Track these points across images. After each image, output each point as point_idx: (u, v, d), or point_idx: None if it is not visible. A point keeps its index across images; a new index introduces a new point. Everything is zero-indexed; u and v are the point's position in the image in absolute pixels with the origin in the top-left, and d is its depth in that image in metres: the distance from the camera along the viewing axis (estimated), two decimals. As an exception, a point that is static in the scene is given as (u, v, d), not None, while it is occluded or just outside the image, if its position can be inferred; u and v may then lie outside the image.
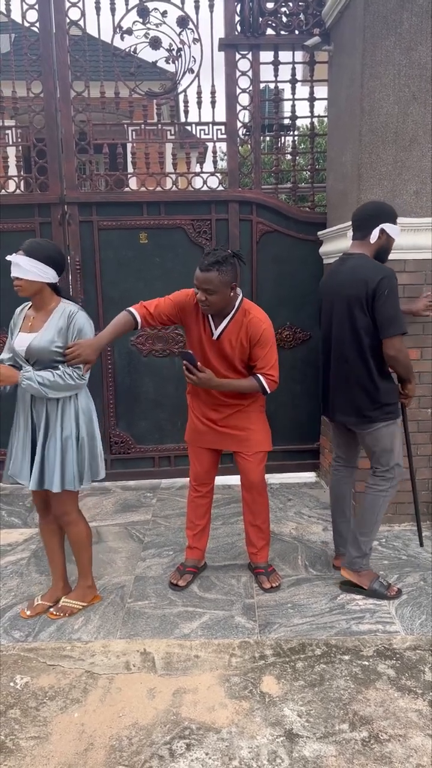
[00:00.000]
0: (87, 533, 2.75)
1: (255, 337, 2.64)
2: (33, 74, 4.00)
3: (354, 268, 2.66)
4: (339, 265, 2.78)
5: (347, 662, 2.38)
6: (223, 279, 2.52)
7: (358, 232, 2.74)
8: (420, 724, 2.06)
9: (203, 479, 2.98)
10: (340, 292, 2.69)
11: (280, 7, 3.98)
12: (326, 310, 2.83)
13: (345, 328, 2.69)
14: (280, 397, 4.38)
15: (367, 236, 2.70)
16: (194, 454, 2.98)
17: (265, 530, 2.99)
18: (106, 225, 4.15)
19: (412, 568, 3.10)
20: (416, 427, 3.46)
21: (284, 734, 2.03)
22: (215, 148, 4.15)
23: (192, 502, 3.03)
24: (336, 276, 2.76)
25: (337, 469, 3.08)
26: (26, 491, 4.26)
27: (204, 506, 3.02)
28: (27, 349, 2.48)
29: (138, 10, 3.92)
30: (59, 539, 2.80)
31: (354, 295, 2.61)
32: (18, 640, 2.56)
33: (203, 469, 2.96)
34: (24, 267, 2.42)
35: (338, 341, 2.74)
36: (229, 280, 2.54)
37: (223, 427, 2.85)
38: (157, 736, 2.03)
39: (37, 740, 2.02)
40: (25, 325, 2.56)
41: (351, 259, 2.72)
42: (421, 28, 3.18)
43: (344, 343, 2.70)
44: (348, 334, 2.68)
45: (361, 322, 2.63)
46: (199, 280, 2.54)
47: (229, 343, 2.68)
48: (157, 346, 4.29)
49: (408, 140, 3.29)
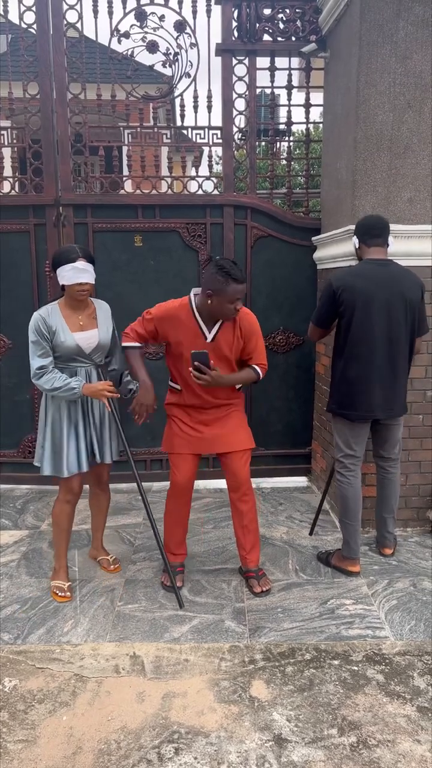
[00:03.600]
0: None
1: (249, 329, 2.79)
2: (30, 75, 4.00)
3: (402, 272, 2.92)
4: (378, 269, 2.91)
5: (336, 667, 2.39)
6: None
7: (380, 238, 2.95)
8: (408, 730, 2.07)
9: (187, 486, 2.93)
10: (398, 294, 2.87)
11: (277, 13, 4.00)
12: (379, 313, 2.87)
13: (401, 328, 2.89)
14: (273, 402, 4.39)
15: (386, 244, 2.97)
16: (179, 463, 2.92)
17: (254, 530, 2.98)
18: (101, 227, 4.15)
19: (402, 573, 3.11)
20: (407, 433, 3.48)
21: (273, 739, 2.03)
22: (211, 152, 4.16)
23: (178, 512, 2.98)
24: (379, 279, 2.88)
25: (355, 470, 3.08)
26: (18, 492, 4.25)
27: (187, 514, 3.01)
28: (97, 345, 2.80)
29: (136, 13, 3.93)
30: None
31: (413, 297, 2.90)
32: (7, 642, 2.55)
33: (187, 476, 2.92)
34: (91, 273, 2.71)
35: (392, 340, 2.90)
36: None
37: (212, 428, 2.88)
38: (146, 740, 2.02)
39: (25, 743, 2.01)
40: (75, 326, 2.76)
41: (392, 265, 2.93)
42: (417, 37, 3.21)
43: (400, 342, 2.91)
44: (404, 334, 2.91)
45: (414, 322, 2.94)
46: (240, 292, 2.66)
47: (226, 342, 2.76)
48: (150, 349, 4.28)
49: (402, 148, 3.31)
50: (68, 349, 2.73)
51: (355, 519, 3.07)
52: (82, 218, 4.12)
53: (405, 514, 3.61)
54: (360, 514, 3.08)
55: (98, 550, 3.23)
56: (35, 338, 2.69)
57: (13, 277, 4.17)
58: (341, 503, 3.11)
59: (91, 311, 2.85)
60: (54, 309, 2.75)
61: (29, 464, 4.34)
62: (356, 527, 3.06)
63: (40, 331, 2.68)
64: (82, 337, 2.76)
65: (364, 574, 3.10)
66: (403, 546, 3.41)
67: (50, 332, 2.69)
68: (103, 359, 2.91)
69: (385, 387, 2.93)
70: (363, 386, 2.93)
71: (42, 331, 2.68)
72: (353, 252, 3.18)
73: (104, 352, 2.89)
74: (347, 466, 3.08)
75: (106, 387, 2.75)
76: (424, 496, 3.60)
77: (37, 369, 2.68)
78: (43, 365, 2.68)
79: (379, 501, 3.26)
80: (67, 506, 2.93)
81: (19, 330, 4.19)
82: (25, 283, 4.18)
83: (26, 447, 4.33)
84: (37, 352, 2.69)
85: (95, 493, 3.15)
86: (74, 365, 2.79)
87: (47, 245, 4.11)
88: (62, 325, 2.72)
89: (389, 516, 3.24)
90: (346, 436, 3.06)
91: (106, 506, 3.20)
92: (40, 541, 3.53)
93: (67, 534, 2.97)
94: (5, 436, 4.33)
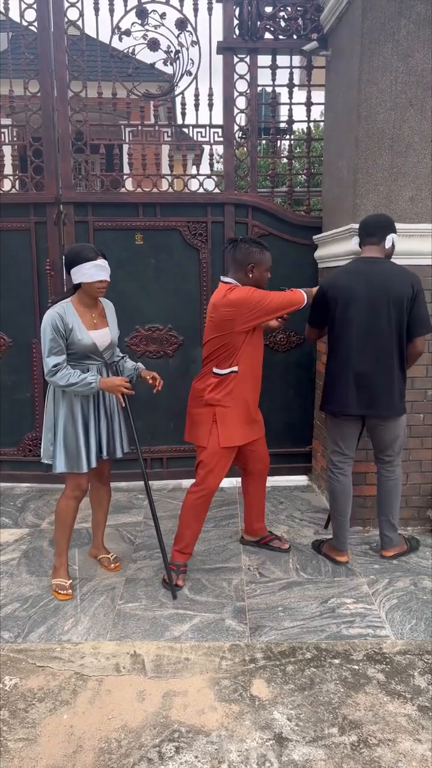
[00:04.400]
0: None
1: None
2: (30, 73, 4.00)
3: (393, 270, 2.89)
4: (366, 267, 2.91)
5: (337, 666, 2.39)
6: None
7: (374, 237, 2.94)
8: (409, 729, 2.07)
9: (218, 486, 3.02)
10: (385, 291, 2.84)
11: (279, 11, 3.99)
12: (358, 309, 2.88)
13: (390, 326, 2.86)
14: (273, 401, 4.38)
15: (381, 242, 2.94)
16: (225, 463, 2.96)
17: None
18: (101, 225, 4.14)
19: (402, 572, 3.11)
20: (408, 432, 3.47)
21: (274, 738, 2.02)
22: (212, 150, 4.16)
23: (204, 512, 3.02)
24: (368, 277, 2.88)
25: (342, 467, 3.13)
26: (18, 491, 4.25)
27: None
28: (110, 343, 2.86)
29: (137, 11, 3.92)
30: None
31: (402, 294, 2.84)
32: (7, 640, 2.55)
33: (224, 475, 3.00)
34: (108, 270, 2.76)
35: (380, 338, 2.88)
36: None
37: (256, 412, 3.02)
38: (147, 739, 2.02)
39: (26, 742, 2.01)
40: (89, 324, 2.79)
41: (380, 262, 2.92)
42: (419, 35, 3.20)
43: (383, 340, 2.88)
44: (392, 332, 2.87)
45: (402, 320, 2.87)
46: (270, 260, 2.91)
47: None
48: (151, 347, 4.28)
49: (404, 146, 3.31)
50: (85, 347, 2.75)
51: (343, 515, 3.14)
52: (82, 216, 4.12)
53: (405, 513, 3.60)
54: (348, 511, 3.15)
55: (99, 549, 3.23)
56: (53, 335, 2.68)
57: (13, 276, 4.17)
58: (330, 498, 3.23)
59: (101, 310, 2.89)
60: (69, 307, 2.75)
61: (29, 462, 4.36)
62: (344, 522, 3.14)
63: (57, 329, 2.68)
64: (97, 335, 2.80)
65: (364, 573, 3.10)
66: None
67: (66, 330, 2.70)
68: (112, 357, 2.95)
69: (364, 384, 2.93)
70: (340, 381, 2.97)
71: (59, 328, 2.68)
72: (354, 251, 3.17)
73: (114, 350, 2.94)
74: (335, 462, 3.15)
75: (124, 383, 2.76)
76: (424, 495, 3.60)
77: (53, 366, 2.67)
78: (58, 363, 2.68)
79: (377, 502, 3.26)
80: (73, 502, 2.93)
81: (20, 329, 4.19)
82: (26, 282, 4.17)
83: (26, 445, 4.32)
84: (53, 349, 2.69)
85: (96, 488, 3.16)
86: (88, 363, 2.81)
87: (48, 243, 4.11)
88: (78, 323, 2.73)
89: (384, 519, 3.21)
90: (332, 433, 3.13)
91: (107, 502, 3.21)
92: (41, 540, 3.53)
93: (70, 530, 2.97)
94: (5, 435, 4.33)
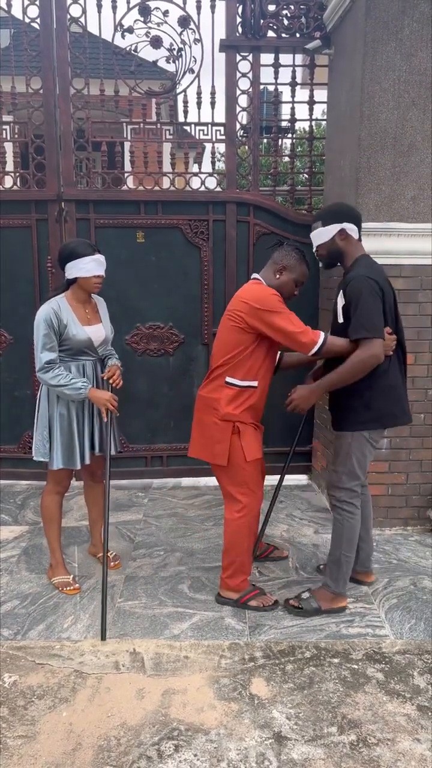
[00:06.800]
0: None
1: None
2: (32, 70, 3.99)
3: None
4: (376, 264, 2.65)
5: (336, 665, 2.39)
6: None
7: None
8: (408, 728, 2.07)
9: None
10: (393, 290, 2.63)
11: (282, 9, 3.98)
12: (390, 309, 2.60)
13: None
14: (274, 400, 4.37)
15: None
16: (256, 471, 2.72)
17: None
18: (103, 223, 4.14)
19: (402, 572, 3.11)
20: (408, 432, 3.47)
21: (273, 736, 2.03)
22: (214, 148, 4.15)
23: (256, 528, 2.85)
24: (384, 274, 2.63)
25: (359, 498, 2.73)
26: (18, 488, 4.25)
27: None
28: (104, 339, 2.86)
29: (139, 8, 3.91)
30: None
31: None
32: (7, 638, 2.55)
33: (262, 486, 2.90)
34: (105, 265, 2.75)
35: (402, 344, 2.66)
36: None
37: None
38: (146, 737, 2.02)
39: (25, 739, 2.01)
40: (84, 319, 2.78)
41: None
42: (422, 34, 3.20)
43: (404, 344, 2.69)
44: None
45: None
46: (305, 277, 2.76)
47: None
48: (152, 346, 4.28)
49: (407, 146, 3.30)
50: (80, 342, 2.74)
51: (354, 551, 2.74)
52: (84, 214, 4.11)
53: (405, 513, 3.61)
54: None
55: (98, 547, 3.22)
56: (47, 331, 2.66)
57: (14, 273, 4.16)
58: (347, 537, 2.67)
59: (93, 305, 2.89)
60: (63, 302, 2.74)
61: (30, 460, 4.32)
62: (353, 559, 2.76)
63: (51, 325, 2.66)
64: (92, 331, 2.79)
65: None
66: (403, 545, 3.42)
67: (61, 326, 2.68)
68: (104, 353, 2.95)
69: (405, 392, 2.71)
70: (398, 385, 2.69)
71: (53, 324, 2.66)
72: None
73: (107, 346, 2.95)
74: (356, 493, 2.69)
75: (112, 400, 2.76)
76: (424, 495, 3.60)
77: (46, 363, 2.65)
78: (52, 359, 2.66)
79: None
80: (57, 497, 2.94)
81: (20, 325, 4.18)
82: (27, 279, 4.17)
83: (26, 442, 4.32)
84: (46, 345, 2.67)
85: (90, 485, 3.15)
86: (83, 359, 2.80)
87: (49, 241, 4.10)
88: (73, 318, 2.72)
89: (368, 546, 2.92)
90: (364, 458, 2.67)
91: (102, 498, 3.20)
92: (40, 537, 3.52)
93: (58, 526, 2.97)
94: (5, 432, 4.32)
